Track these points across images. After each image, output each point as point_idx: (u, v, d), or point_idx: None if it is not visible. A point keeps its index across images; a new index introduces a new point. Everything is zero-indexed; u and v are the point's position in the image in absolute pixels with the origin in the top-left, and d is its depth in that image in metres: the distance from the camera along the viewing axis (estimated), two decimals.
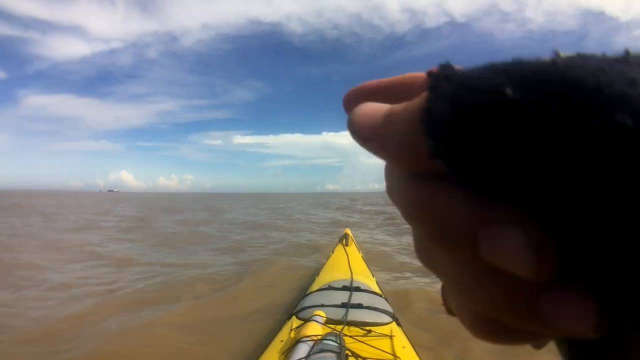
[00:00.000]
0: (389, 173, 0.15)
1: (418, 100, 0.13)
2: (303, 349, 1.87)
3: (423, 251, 0.15)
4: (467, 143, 0.11)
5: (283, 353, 1.95)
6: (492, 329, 0.14)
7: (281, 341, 2.11)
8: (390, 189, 0.15)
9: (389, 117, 0.14)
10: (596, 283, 0.11)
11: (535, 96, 0.10)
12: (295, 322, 2.28)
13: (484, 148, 0.11)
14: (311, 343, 1.92)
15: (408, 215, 0.14)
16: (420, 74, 0.19)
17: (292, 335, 2.12)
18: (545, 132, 0.10)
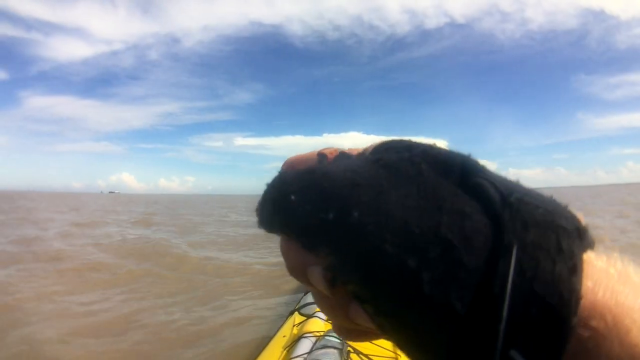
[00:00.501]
0: None
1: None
2: (306, 345, 1.89)
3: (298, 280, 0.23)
4: (278, 225, 0.20)
5: (286, 348, 1.96)
6: (340, 330, 0.22)
7: (284, 336, 2.12)
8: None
9: None
10: (355, 299, 0.18)
11: (302, 198, 0.19)
12: (297, 318, 2.29)
13: (288, 222, 0.20)
14: (314, 339, 1.93)
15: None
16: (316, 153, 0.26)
17: (295, 331, 2.13)
18: (306, 221, 0.19)
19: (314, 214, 0.18)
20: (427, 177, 0.18)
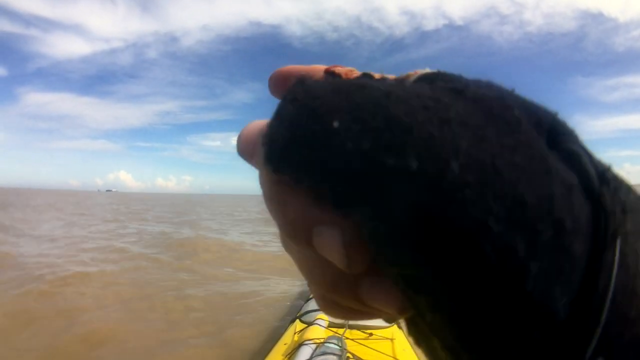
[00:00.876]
0: (260, 180, 0.16)
1: (264, 123, 0.15)
2: (306, 352, 1.92)
3: (282, 241, 0.17)
4: (299, 165, 0.13)
5: (287, 355, 2.00)
6: (332, 306, 0.17)
7: (285, 344, 2.15)
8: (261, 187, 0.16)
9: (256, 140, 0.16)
10: (400, 281, 0.13)
11: (357, 128, 0.12)
12: (298, 325, 2.32)
13: (312, 170, 0.13)
14: (314, 346, 1.96)
15: (270, 212, 0.16)
16: (323, 67, 0.18)
17: (296, 338, 2.16)
18: (355, 164, 0.12)
19: (379, 157, 0.12)
20: (526, 129, 0.13)
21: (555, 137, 0.14)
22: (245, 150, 0.17)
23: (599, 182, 0.13)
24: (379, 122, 0.12)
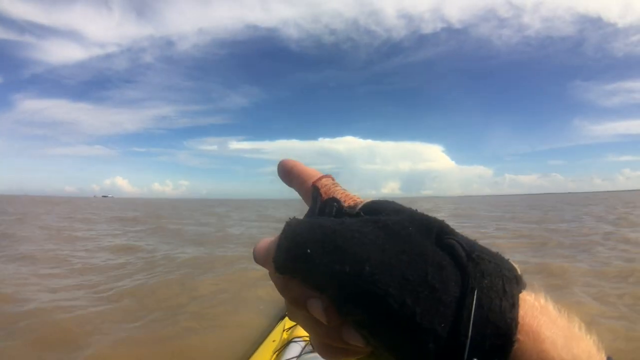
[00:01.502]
0: (270, 272, 0.29)
1: (275, 239, 0.28)
2: (295, 349, 1.92)
3: (289, 310, 0.29)
4: (292, 272, 0.26)
5: (275, 352, 1.99)
6: (327, 349, 0.28)
7: (273, 341, 2.15)
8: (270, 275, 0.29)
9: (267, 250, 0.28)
10: (355, 327, 0.25)
11: (320, 252, 0.25)
12: (287, 323, 2.31)
13: (300, 274, 0.26)
14: (303, 343, 1.96)
15: (278, 290, 0.28)
16: (315, 175, 0.35)
17: (285, 335, 2.16)
18: (323, 270, 0.25)
19: (331, 265, 0.24)
20: (414, 238, 0.25)
21: (441, 237, 0.26)
22: (260, 261, 0.29)
23: (466, 260, 0.24)
24: (330, 248, 0.25)
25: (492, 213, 21.25)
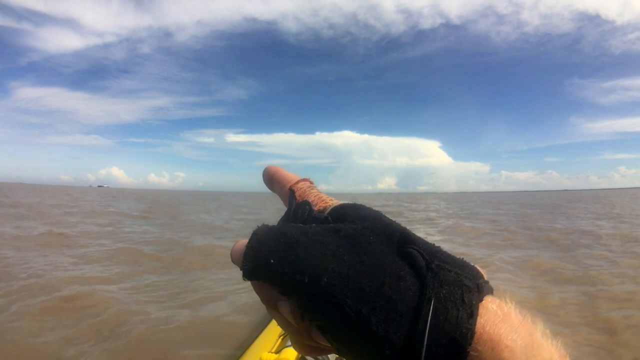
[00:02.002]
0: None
1: (245, 243, 0.28)
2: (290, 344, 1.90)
3: (267, 309, 0.30)
4: (261, 278, 0.27)
5: (270, 348, 1.98)
6: (302, 345, 0.29)
7: (268, 336, 2.13)
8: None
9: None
10: (317, 328, 0.27)
11: (282, 260, 0.26)
12: None
13: (268, 279, 0.27)
14: None
15: (255, 291, 0.29)
16: (293, 179, 0.36)
17: (280, 331, 2.14)
18: (284, 278, 0.26)
19: (292, 275, 0.26)
20: (374, 247, 0.26)
21: (402, 245, 0.26)
22: (236, 263, 0.29)
23: (425, 269, 0.25)
24: (292, 258, 0.26)
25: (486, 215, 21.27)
